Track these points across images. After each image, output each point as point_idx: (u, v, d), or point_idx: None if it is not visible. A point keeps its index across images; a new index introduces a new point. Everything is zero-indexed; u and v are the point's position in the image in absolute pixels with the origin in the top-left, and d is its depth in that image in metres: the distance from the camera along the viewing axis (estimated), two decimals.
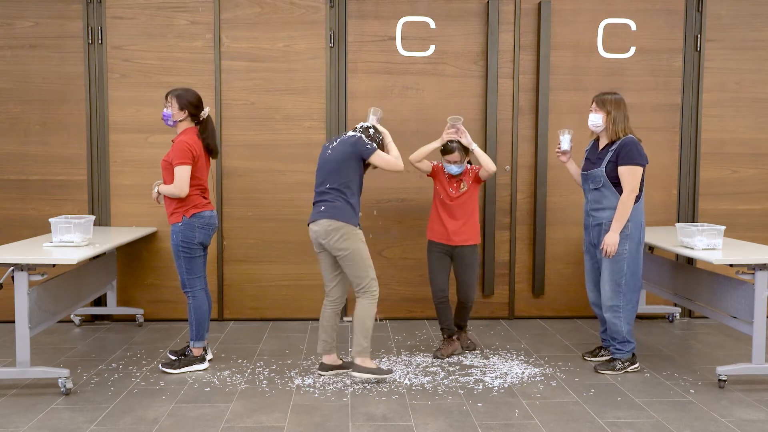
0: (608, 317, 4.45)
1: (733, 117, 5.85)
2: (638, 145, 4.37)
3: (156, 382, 4.26)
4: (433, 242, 4.81)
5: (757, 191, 5.91)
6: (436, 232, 4.80)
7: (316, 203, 4.35)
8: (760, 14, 5.81)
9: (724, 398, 4.03)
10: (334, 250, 4.24)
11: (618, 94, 4.51)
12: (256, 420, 3.69)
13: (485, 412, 3.80)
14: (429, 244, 4.85)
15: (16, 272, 3.98)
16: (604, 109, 4.45)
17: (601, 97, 4.49)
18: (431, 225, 4.84)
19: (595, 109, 4.49)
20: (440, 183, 4.78)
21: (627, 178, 4.33)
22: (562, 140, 4.67)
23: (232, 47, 5.62)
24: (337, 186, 4.26)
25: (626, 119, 4.44)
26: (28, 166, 5.62)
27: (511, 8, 5.69)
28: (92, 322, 5.69)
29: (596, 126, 4.48)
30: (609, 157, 4.40)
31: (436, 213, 4.79)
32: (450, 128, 4.70)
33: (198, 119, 4.44)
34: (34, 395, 4.02)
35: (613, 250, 4.35)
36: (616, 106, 4.43)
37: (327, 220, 4.22)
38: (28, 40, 5.56)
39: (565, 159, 4.73)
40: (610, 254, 4.37)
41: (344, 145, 4.32)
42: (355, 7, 5.63)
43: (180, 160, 4.27)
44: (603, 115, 4.45)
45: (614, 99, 4.46)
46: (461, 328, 4.93)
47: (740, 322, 4.33)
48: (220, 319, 5.75)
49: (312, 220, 4.31)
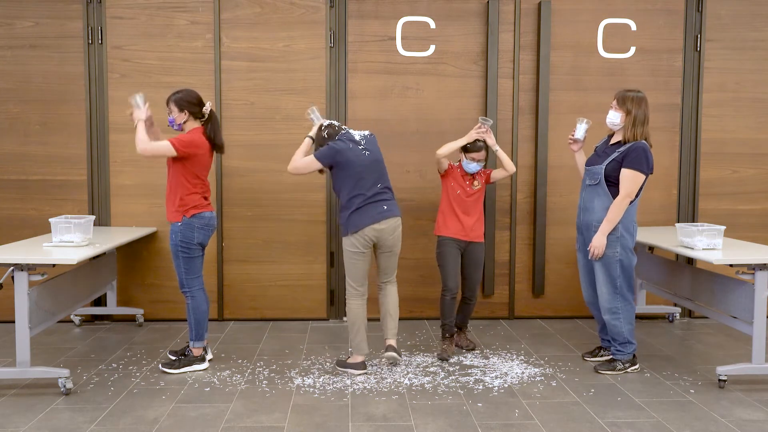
0: (608, 319, 4.44)
1: (733, 117, 5.85)
2: (648, 153, 4.28)
3: (156, 382, 4.26)
4: (447, 238, 4.78)
5: (757, 191, 5.91)
6: (451, 228, 4.78)
7: (374, 203, 4.41)
8: (760, 14, 5.81)
9: (724, 398, 4.03)
10: (396, 245, 4.52)
11: (641, 92, 4.38)
12: (256, 420, 3.69)
13: (485, 412, 3.80)
14: (442, 241, 4.81)
15: (16, 272, 3.98)
16: (624, 108, 4.34)
17: (623, 94, 4.37)
18: (444, 222, 4.81)
19: (615, 106, 4.38)
20: (455, 180, 4.80)
21: (626, 182, 4.27)
22: (578, 128, 4.64)
23: (232, 47, 5.62)
24: (388, 185, 4.52)
25: (646, 121, 4.33)
26: (28, 166, 5.62)
27: (511, 8, 5.69)
28: (92, 322, 5.69)
29: (614, 125, 4.39)
30: (614, 156, 4.33)
31: (451, 209, 4.79)
32: (480, 127, 4.74)
33: (202, 116, 4.45)
34: (34, 395, 4.02)
35: (599, 252, 4.33)
36: (638, 105, 4.31)
37: (396, 218, 4.48)
38: (28, 40, 5.56)
39: (575, 148, 4.68)
40: (596, 256, 4.36)
41: (375, 145, 4.51)
42: (355, 7, 5.63)
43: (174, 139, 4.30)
44: (622, 114, 4.35)
45: (636, 97, 4.34)
46: (461, 329, 4.94)
47: (740, 322, 4.33)
48: (219, 319, 5.75)
49: (377, 220, 4.38)
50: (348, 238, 4.42)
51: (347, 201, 4.41)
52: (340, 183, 4.43)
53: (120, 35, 5.57)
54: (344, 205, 4.43)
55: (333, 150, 4.40)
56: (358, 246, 4.40)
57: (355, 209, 4.38)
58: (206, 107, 4.46)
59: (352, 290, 4.48)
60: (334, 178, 4.47)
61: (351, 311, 4.48)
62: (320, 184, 5.69)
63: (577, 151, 4.71)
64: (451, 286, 4.76)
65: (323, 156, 4.42)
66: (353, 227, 4.39)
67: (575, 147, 4.69)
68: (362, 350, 4.46)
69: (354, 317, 4.47)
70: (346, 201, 4.42)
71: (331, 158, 4.40)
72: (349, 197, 4.40)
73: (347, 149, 4.38)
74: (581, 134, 4.64)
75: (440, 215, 4.86)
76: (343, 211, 4.44)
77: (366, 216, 4.37)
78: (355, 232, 4.38)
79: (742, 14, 5.79)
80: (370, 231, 4.38)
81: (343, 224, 4.46)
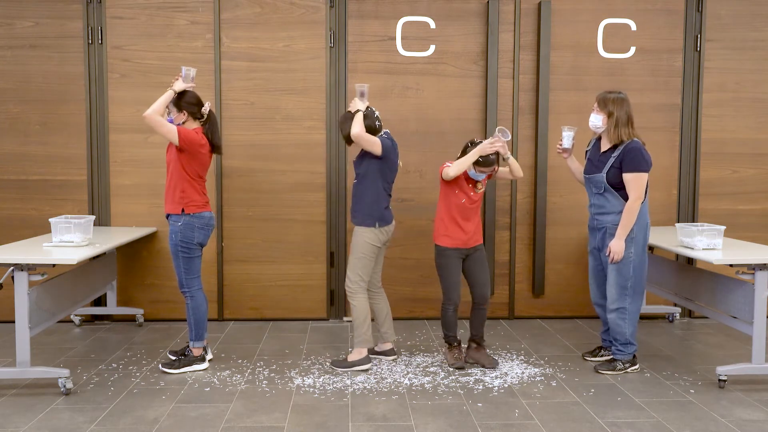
0: (612, 318, 4.43)
1: (733, 117, 5.85)
2: (642, 150, 4.27)
3: (156, 382, 4.26)
4: (449, 249, 4.50)
5: (757, 191, 5.91)
6: (455, 238, 4.49)
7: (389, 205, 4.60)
8: (760, 14, 5.80)
9: (724, 398, 4.03)
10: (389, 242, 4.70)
11: (622, 93, 4.37)
12: (256, 420, 3.69)
13: (485, 412, 3.80)
14: (443, 251, 4.52)
15: (16, 272, 3.98)
16: (606, 110, 4.33)
17: (603, 96, 4.37)
18: (447, 232, 4.50)
19: (596, 109, 4.38)
20: (460, 188, 4.48)
21: (632, 185, 4.25)
22: (564, 137, 4.59)
23: (232, 47, 5.62)
24: None
25: (630, 121, 4.31)
26: (28, 166, 5.62)
27: (511, 8, 5.69)
28: (92, 322, 5.69)
29: (597, 127, 4.40)
30: (611, 162, 4.32)
31: (452, 219, 4.49)
32: (496, 140, 4.35)
33: (201, 116, 4.46)
34: (34, 395, 4.02)
35: (619, 258, 4.32)
36: (619, 106, 4.30)
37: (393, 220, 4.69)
38: (28, 40, 5.56)
39: (566, 156, 4.67)
40: (616, 261, 4.35)
41: None
42: (355, 7, 5.63)
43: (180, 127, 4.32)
44: (604, 117, 4.34)
45: (616, 98, 4.32)
46: (480, 343, 4.62)
47: (740, 322, 4.33)
48: (219, 319, 5.75)
49: (390, 221, 4.60)
50: (372, 231, 4.49)
51: (382, 196, 4.51)
52: (378, 177, 4.48)
53: (120, 35, 5.57)
54: (377, 199, 4.49)
55: (391, 146, 4.52)
56: (381, 241, 4.55)
57: (387, 207, 4.55)
58: (205, 107, 4.47)
59: (358, 285, 4.53)
60: (373, 169, 4.47)
61: (360, 305, 4.53)
62: (320, 183, 5.69)
63: (567, 158, 4.67)
64: (454, 299, 4.54)
65: (386, 147, 4.46)
66: (384, 222, 4.53)
67: (565, 155, 4.66)
68: (370, 342, 4.55)
69: (363, 312, 4.53)
70: (381, 196, 4.50)
71: (388, 152, 4.49)
72: (384, 193, 4.51)
73: (395, 151, 4.55)
74: (569, 143, 4.58)
75: (440, 222, 4.55)
76: (375, 205, 4.48)
77: (390, 215, 4.58)
78: (384, 226, 4.53)
79: (742, 14, 5.79)
80: (392, 228, 4.62)
81: (372, 216, 4.48)
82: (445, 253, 4.53)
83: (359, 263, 4.51)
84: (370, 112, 4.50)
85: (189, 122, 4.42)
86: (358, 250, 4.51)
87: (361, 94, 4.51)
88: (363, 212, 4.49)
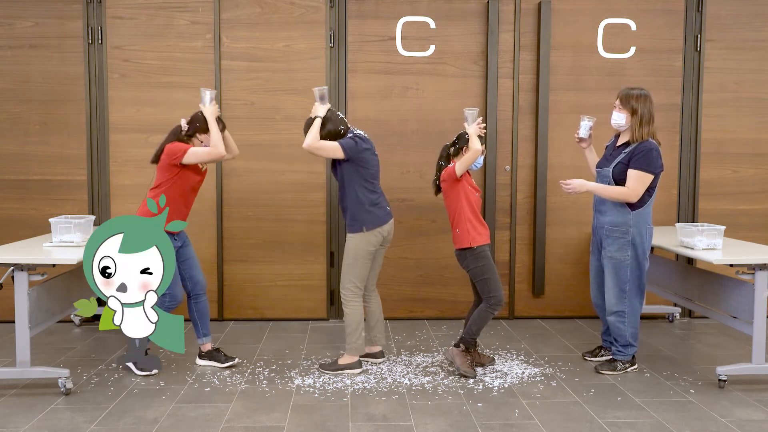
0: (612, 320, 4.43)
1: (733, 117, 5.85)
2: (655, 151, 4.20)
3: (156, 382, 4.26)
4: (485, 246, 4.39)
5: (757, 191, 5.91)
6: (484, 234, 4.39)
7: (382, 203, 4.47)
8: (760, 14, 5.80)
9: (724, 398, 4.03)
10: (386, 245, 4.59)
11: (644, 90, 4.30)
12: (256, 420, 3.69)
13: (485, 412, 3.80)
14: (482, 251, 4.36)
15: (16, 272, 3.98)
16: (629, 107, 4.26)
17: (626, 92, 4.28)
18: (475, 229, 4.35)
19: (618, 106, 4.30)
20: (470, 184, 4.43)
21: (633, 181, 4.21)
22: (581, 126, 4.54)
23: (232, 47, 5.62)
24: None
25: (652, 120, 4.24)
26: (28, 166, 5.62)
27: (511, 8, 5.69)
28: (92, 322, 5.69)
29: (619, 126, 4.33)
30: (621, 158, 4.28)
31: (476, 216, 4.38)
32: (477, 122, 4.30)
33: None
34: (34, 395, 4.02)
35: (570, 188, 4.29)
36: (642, 103, 4.23)
37: (392, 219, 4.55)
38: (28, 40, 5.56)
39: (584, 146, 4.61)
40: (568, 191, 4.31)
41: None
42: (355, 7, 5.64)
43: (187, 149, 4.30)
44: (627, 114, 4.28)
45: (639, 95, 4.25)
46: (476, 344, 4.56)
47: (740, 322, 4.33)
48: (220, 319, 5.75)
49: (386, 220, 4.46)
50: (365, 235, 4.37)
51: (363, 198, 4.35)
52: (354, 179, 4.35)
53: (120, 35, 5.57)
54: (358, 202, 4.35)
55: (360, 146, 4.33)
56: (374, 244, 4.41)
57: (374, 207, 4.38)
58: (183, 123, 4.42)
59: (353, 291, 4.45)
60: (347, 173, 4.36)
61: (353, 313, 4.44)
62: (320, 183, 5.69)
63: (586, 148, 4.63)
64: (502, 298, 4.40)
65: (350, 148, 4.30)
66: (372, 224, 4.37)
67: (584, 145, 4.61)
68: (362, 350, 4.48)
69: (357, 319, 4.44)
70: (362, 198, 4.35)
71: (357, 153, 4.32)
72: (365, 194, 4.36)
73: (367, 148, 4.37)
74: (585, 132, 4.53)
75: (467, 224, 4.34)
76: (358, 208, 4.35)
77: (383, 213, 4.42)
78: (373, 229, 4.37)
79: (742, 14, 5.79)
80: (387, 228, 4.45)
81: (357, 221, 4.37)
82: (484, 252, 4.39)
83: (350, 270, 4.43)
84: (333, 114, 4.38)
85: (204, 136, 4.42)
86: (349, 256, 4.42)
87: (321, 97, 4.37)
88: (348, 218, 4.42)
